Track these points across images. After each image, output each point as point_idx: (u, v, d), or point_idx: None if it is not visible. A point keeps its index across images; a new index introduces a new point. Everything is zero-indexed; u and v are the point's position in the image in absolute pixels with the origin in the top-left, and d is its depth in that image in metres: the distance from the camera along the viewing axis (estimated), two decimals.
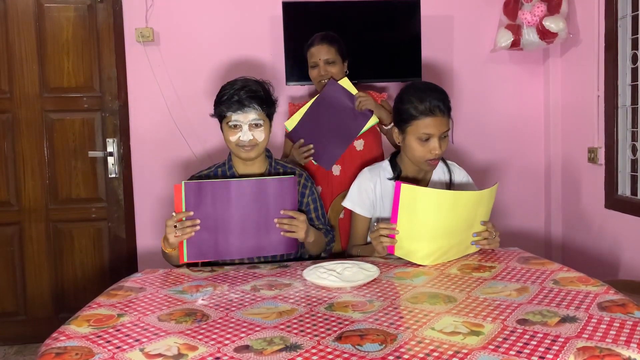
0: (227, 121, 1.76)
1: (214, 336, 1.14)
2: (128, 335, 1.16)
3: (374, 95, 2.42)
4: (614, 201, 2.64)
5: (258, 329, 1.17)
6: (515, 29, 2.83)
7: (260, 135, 1.77)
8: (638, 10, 2.48)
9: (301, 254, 1.88)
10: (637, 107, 2.53)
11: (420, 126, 1.72)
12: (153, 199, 2.97)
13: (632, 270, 2.52)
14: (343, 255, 2.04)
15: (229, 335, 1.14)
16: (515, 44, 2.85)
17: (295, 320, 1.21)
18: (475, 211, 1.66)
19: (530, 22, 2.78)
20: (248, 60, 2.96)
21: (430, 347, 1.05)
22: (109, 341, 1.13)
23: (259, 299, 1.37)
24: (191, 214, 1.61)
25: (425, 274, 1.54)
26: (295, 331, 1.15)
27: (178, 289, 1.47)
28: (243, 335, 1.14)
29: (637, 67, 2.51)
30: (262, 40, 2.97)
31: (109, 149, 2.93)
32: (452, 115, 1.80)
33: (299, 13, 2.79)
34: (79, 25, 2.89)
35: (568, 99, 3.01)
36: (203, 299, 1.38)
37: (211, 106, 1.83)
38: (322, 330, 1.15)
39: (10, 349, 2.93)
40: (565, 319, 1.16)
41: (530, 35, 2.80)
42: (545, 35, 2.75)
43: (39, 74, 2.89)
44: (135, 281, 1.56)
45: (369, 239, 1.95)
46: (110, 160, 2.93)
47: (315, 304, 1.32)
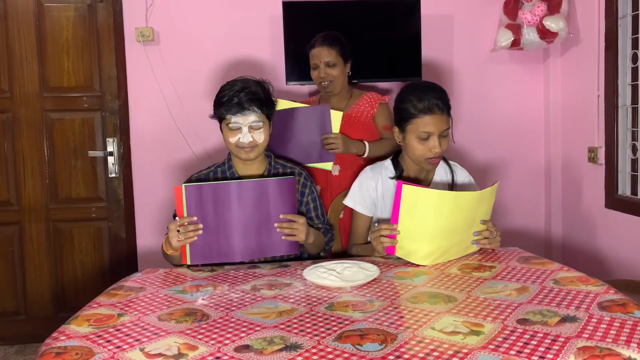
0: (227, 123, 1.76)
1: (214, 336, 1.14)
2: (128, 335, 1.16)
3: (375, 98, 2.40)
4: (614, 201, 2.64)
5: (258, 328, 1.17)
6: (516, 29, 2.83)
7: (259, 137, 1.77)
8: (638, 10, 2.48)
9: (301, 254, 1.88)
10: (637, 107, 2.53)
11: (420, 124, 1.72)
12: (153, 198, 2.97)
13: (632, 270, 2.52)
14: (343, 254, 2.04)
15: (229, 335, 1.14)
16: (516, 44, 2.85)
17: (295, 320, 1.21)
18: (476, 211, 1.66)
19: (531, 22, 2.78)
20: (248, 60, 2.96)
21: (431, 347, 1.05)
22: (109, 341, 1.13)
23: (259, 299, 1.37)
24: (194, 219, 1.62)
25: (426, 274, 1.54)
26: (296, 331, 1.15)
27: (178, 289, 1.48)
28: (243, 335, 1.14)
29: (637, 67, 2.51)
30: (262, 40, 2.96)
31: (109, 148, 2.93)
32: (452, 115, 1.80)
33: (299, 13, 2.79)
34: (79, 25, 2.89)
35: (568, 98, 3.01)
36: (203, 299, 1.38)
37: (211, 106, 1.83)
38: (322, 330, 1.15)
39: (11, 348, 2.93)
40: (565, 319, 1.16)
41: (530, 35, 2.80)
42: (545, 34, 2.75)
43: (39, 73, 2.89)
44: (136, 281, 1.57)
45: (370, 239, 1.95)
46: (110, 159, 2.93)
47: (315, 303, 1.32)
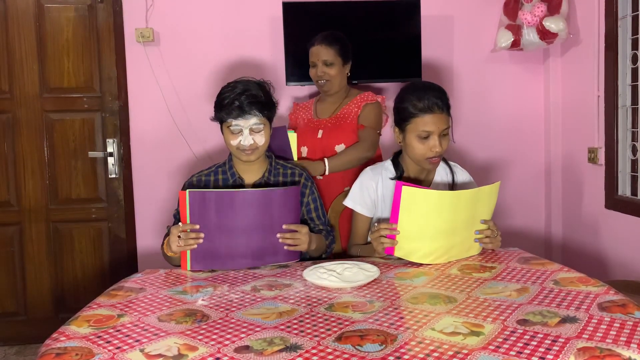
0: (228, 125, 1.76)
1: (214, 336, 1.14)
2: (128, 335, 1.16)
3: (365, 98, 2.34)
4: (614, 201, 2.64)
5: (258, 329, 1.17)
6: (516, 29, 2.83)
7: (260, 139, 1.77)
8: (638, 11, 2.48)
9: (304, 255, 1.87)
10: (637, 107, 2.53)
11: (419, 124, 1.72)
12: (153, 199, 2.97)
13: (632, 270, 2.52)
14: (343, 255, 2.04)
15: (229, 336, 1.14)
16: (516, 44, 2.85)
17: (295, 321, 1.21)
18: (476, 209, 1.66)
19: (531, 22, 2.77)
20: (248, 61, 2.96)
21: (431, 348, 1.05)
22: (109, 341, 1.13)
23: (259, 300, 1.37)
24: (197, 227, 1.61)
25: (426, 274, 1.54)
26: (296, 331, 1.15)
27: (178, 290, 1.48)
28: (243, 335, 1.14)
29: (637, 67, 2.51)
30: (262, 40, 2.96)
31: (109, 149, 2.93)
32: (453, 115, 1.79)
33: (299, 13, 2.79)
34: (79, 26, 2.89)
35: (568, 99, 3.01)
36: (203, 300, 1.38)
37: (211, 106, 1.82)
38: (322, 330, 1.15)
39: (11, 349, 2.93)
40: (565, 320, 1.16)
41: (530, 36, 2.80)
42: (545, 35, 2.75)
43: (39, 74, 2.89)
44: (136, 281, 1.56)
45: (369, 239, 1.95)
46: (110, 160, 2.93)
47: (315, 304, 1.32)
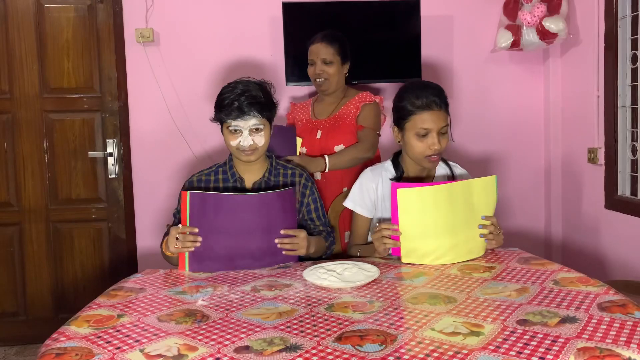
0: (228, 126, 1.77)
1: (214, 337, 1.14)
2: (128, 335, 1.16)
3: (363, 99, 2.34)
4: (614, 201, 2.64)
5: (258, 329, 1.17)
6: (515, 30, 2.83)
7: (260, 140, 1.77)
8: (638, 11, 2.48)
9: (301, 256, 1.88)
10: (637, 108, 2.53)
11: (418, 121, 1.73)
12: (153, 199, 2.97)
13: (632, 270, 2.52)
14: (343, 255, 2.04)
15: (229, 336, 1.14)
16: (515, 45, 2.85)
17: (295, 321, 1.21)
18: (473, 202, 1.66)
19: (530, 23, 2.77)
20: (248, 61, 2.96)
21: (431, 348, 1.05)
22: (109, 342, 1.13)
23: (259, 300, 1.37)
24: (196, 230, 1.62)
25: (426, 274, 1.54)
26: (296, 332, 1.15)
27: (178, 290, 1.48)
28: (243, 335, 1.14)
29: (637, 68, 2.51)
30: (262, 40, 2.96)
31: (109, 149, 2.93)
32: (452, 115, 1.80)
33: (299, 13, 2.79)
34: (79, 26, 2.89)
35: (568, 99, 3.01)
36: (203, 300, 1.38)
37: (211, 107, 1.83)
38: (322, 330, 1.15)
39: (11, 349, 2.93)
40: (565, 320, 1.16)
41: (530, 36, 2.80)
42: (545, 35, 2.75)
43: (39, 74, 2.89)
44: (135, 282, 1.57)
45: (370, 239, 1.95)
46: (110, 160, 2.93)
47: (315, 304, 1.32)
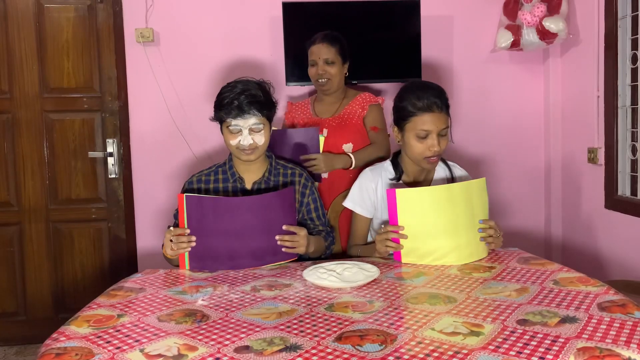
0: (227, 125, 1.77)
1: (214, 337, 1.14)
2: (128, 335, 1.16)
3: (367, 99, 2.36)
4: (614, 201, 2.64)
5: (258, 329, 1.17)
6: (515, 30, 2.83)
7: (260, 139, 1.77)
8: (638, 11, 2.48)
9: (301, 255, 1.88)
10: (637, 108, 2.53)
11: (418, 123, 1.73)
12: (153, 199, 2.97)
13: (632, 270, 2.52)
14: (343, 255, 2.04)
15: (228, 336, 1.14)
16: (515, 45, 2.85)
17: (295, 321, 1.21)
18: (472, 204, 1.66)
19: (530, 23, 2.77)
20: (248, 61, 2.96)
21: (430, 348, 1.05)
22: (109, 342, 1.13)
23: (258, 300, 1.37)
24: (187, 231, 1.63)
25: (425, 274, 1.54)
26: (295, 331, 1.15)
27: (178, 290, 1.48)
28: (243, 335, 1.14)
29: (637, 68, 2.51)
30: (262, 40, 2.96)
31: (109, 149, 2.93)
32: (452, 115, 1.80)
33: (299, 13, 2.79)
34: (79, 26, 2.89)
35: (568, 99, 3.01)
36: (203, 300, 1.38)
37: (211, 106, 1.83)
38: (322, 330, 1.15)
39: (11, 349, 2.93)
40: (565, 320, 1.16)
41: (530, 36, 2.80)
42: (545, 35, 2.75)
43: (39, 74, 2.88)
44: (135, 281, 1.57)
45: (370, 239, 1.95)
46: (110, 160, 2.93)
47: (315, 304, 1.32)
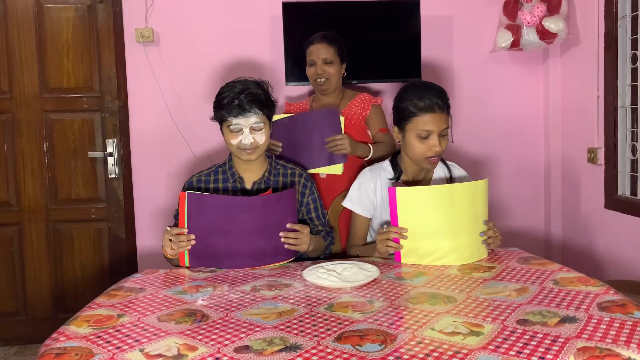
0: (228, 125, 1.77)
1: (214, 336, 1.14)
2: (128, 335, 1.16)
3: (367, 100, 2.37)
4: (614, 201, 2.64)
5: (258, 329, 1.17)
6: (515, 29, 2.83)
7: (261, 138, 1.78)
8: (638, 11, 2.48)
9: (300, 255, 1.88)
10: (637, 107, 2.53)
11: (419, 123, 1.73)
12: (153, 199, 2.97)
13: (632, 270, 2.52)
14: (343, 255, 2.04)
15: (228, 336, 1.14)
16: (515, 44, 2.85)
17: (295, 321, 1.21)
18: (474, 205, 1.66)
19: (530, 23, 2.78)
20: (248, 61, 2.96)
21: (430, 348, 1.05)
22: (108, 341, 1.13)
23: (258, 300, 1.37)
24: (185, 230, 1.63)
25: (425, 274, 1.54)
26: (295, 331, 1.15)
27: (178, 290, 1.48)
28: (243, 335, 1.14)
29: (637, 67, 2.51)
30: (262, 40, 2.96)
31: (109, 149, 2.93)
32: (452, 115, 1.80)
33: (299, 13, 2.79)
34: (78, 26, 2.89)
35: (568, 99, 3.01)
36: (203, 300, 1.38)
37: (211, 106, 1.82)
38: (322, 330, 1.15)
39: (10, 349, 2.93)
40: (565, 319, 1.16)
41: (530, 36, 2.80)
42: (545, 35, 2.75)
43: (39, 74, 2.88)
44: (135, 281, 1.57)
45: (369, 239, 1.95)
46: (110, 160, 2.93)
47: (315, 304, 1.32)
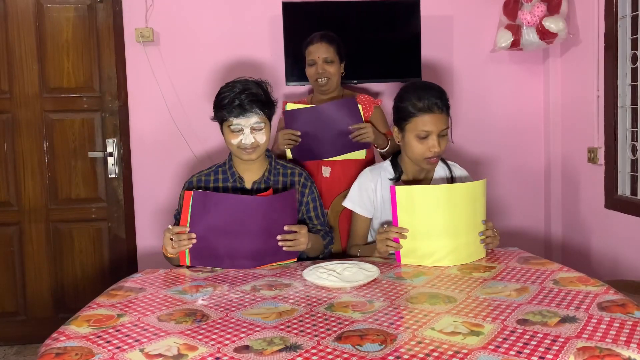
0: (228, 125, 1.77)
1: (214, 336, 1.14)
2: (128, 335, 1.16)
3: (369, 101, 2.38)
4: (614, 201, 2.64)
5: (258, 329, 1.17)
6: (515, 29, 2.83)
7: (261, 138, 1.78)
8: (638, 10, 2.48)
9: (300, 255, 1.88)
10: (637, 107, 2.53)
11: (419, 123, 1.73)
12: (153, 199, 2.97)
13: (632, 270, 2.52)
14: (343, 255, 2.04)
15: (228, 336, 1.14)
16: (515, 44, 2.85)
17: (295, 321, 1.21)
18: (474, 205, 1.66)
19: (530, 22, 2.78)
20: (248, 61, 2.96)
21: (430, 347, 1.05)
22: (109, 341, 1.13)
23: (258, 299, 1.37)
24: (187, 229, 1.63)
25: (425, 274, 1.54)
26: (295, 331, 1.15)
27: (178, 289, 1.48)
28: (243, 335, 1.14)
29: (637, 67, 2.51)
30: (262, 40, 2.96)
31: (109, 149, 2.93)
32: (452, 115, 1.80)
33: (299, 13, 2.79)
34: (78, 26, 2.89)
35: (568, 99, 3.01)
36: (203, 299, 1.38)
37: (211, 106, 1.82)
38: (322, 330, 1.15)
39: (11, 349, 2.93)
40: (565, 319, 1.16)
41: (530, 36, 2.80)
42: (545, 35, 2.75)
43: (39, 74, 2.88)
44: (135, 281, 1.57)
45: (370, 239, 1.95)
46: (110, 160, 2.93)
47: (315, 304, 1.32)
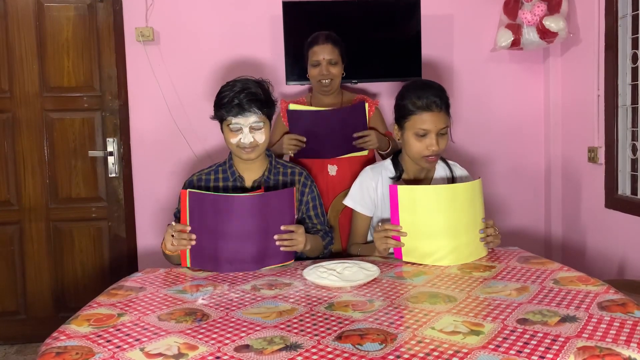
0: (228, 124, 1.77)
1: (214, 336, 1.14)
2: (128, 334, 1.16)
3: (371, 102, 2.39)
4: (614, 201, 2.64)
5: (258, 328, 1.17)
6: (516, 29, 2.83)
7: (260, 137, 1.78)
8: (638, 10, 2.48)
9: (299, 255, 1.88)
10: (637, 107, 2.53)
11: (418, 121, 1.73)
12: (153, 198, 2.97)
13: (632, 270, 2.52)
14: (343, 254, 2.04)
15: (229, 335, 1.14)
16: (516, 44, 2.85)
17: (295, 320, 1.21)
18: (474, 205, 1.66)
19: (531, 22, 2.78)
20: (248, 60, 2.96)
21: (430, 347, 1.05)
22: (109, 341, 1.13)
23: (259, 299, 1.37)
24: (188, 228, 1.63)
25: (426, 274, 1.54)
26: (296, 331, 1.15)
27: (178, 289, 1.48)
28: (243, 334, 1.14)
29: (637, 67, 2.51)
30: (262, 40, 2.96)
31: (109, 148, 2.93)
32: (452, 115, 1.80)
33: (299, 13, 2.79)
34: (79, 25, 2.89)
35: (568, 98, 3.01)
36: (203, 299, 1.38)
37: (211, 106, 1.83)
38: (322, 329, 1.15)
39: (11, 348, 2.93)
40: (565, 319, 1.16)
41: (530, 35, 2.80)
42: (545, 34, 2.75)
43: (39, 73, 2.89)
44: (136, 281, 1.57)
45: (370, 238, 1.95)
46: (111, 159, 2.93)
47: (315, 303, 1.32)
